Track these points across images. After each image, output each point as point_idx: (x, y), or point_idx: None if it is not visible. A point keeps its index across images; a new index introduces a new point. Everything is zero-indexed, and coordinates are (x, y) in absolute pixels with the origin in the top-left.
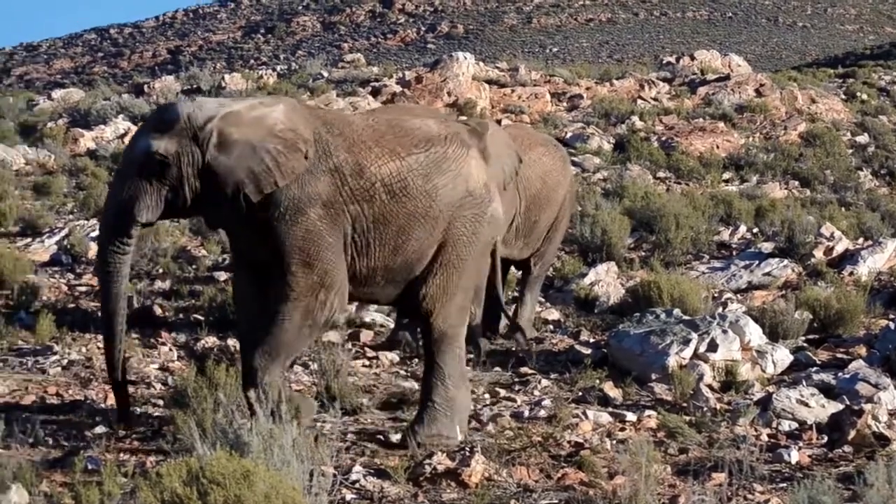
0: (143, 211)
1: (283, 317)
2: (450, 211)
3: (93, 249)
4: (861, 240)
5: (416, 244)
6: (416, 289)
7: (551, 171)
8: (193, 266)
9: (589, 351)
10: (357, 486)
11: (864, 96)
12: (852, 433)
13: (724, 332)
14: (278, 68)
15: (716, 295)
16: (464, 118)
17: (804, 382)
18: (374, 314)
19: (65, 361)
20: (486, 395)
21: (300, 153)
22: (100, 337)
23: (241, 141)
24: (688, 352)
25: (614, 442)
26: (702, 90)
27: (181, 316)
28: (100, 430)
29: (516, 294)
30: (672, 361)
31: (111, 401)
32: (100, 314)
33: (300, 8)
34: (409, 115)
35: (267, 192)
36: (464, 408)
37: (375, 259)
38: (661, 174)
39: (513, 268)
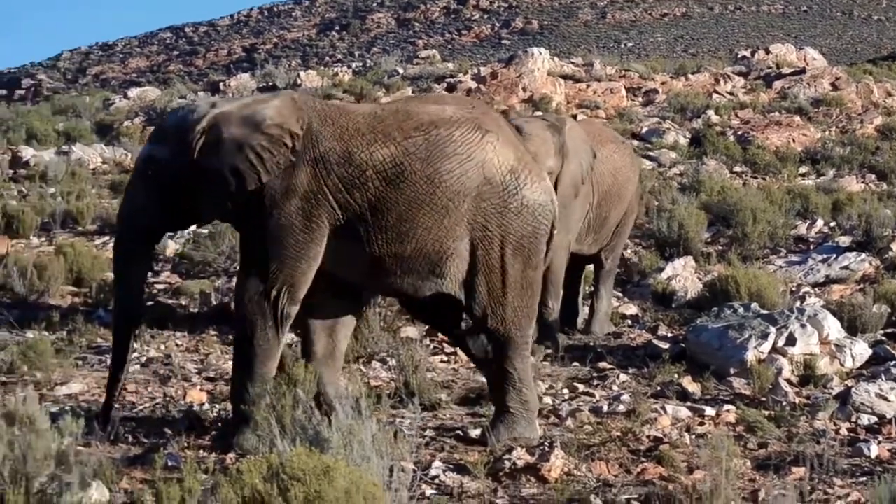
0: (147, 217)
1: (242, 319)
2: (463, 200)
3: (170, 247)
4: None
5: (424, 233)
6: (464, 293)
7: (622, 168)
8: None
9: (667, 345)
10: (437, 481)
11: None
12: None
13: (803, 326)
14: (353, 65)
15: (793, 289)
16: (540, 113)
17: (883, 376)
18: None
19: (143, 359)
20: (565, 391)
21: (285, 148)
22: (178, 334)
23: (227, 140)
24: (766, 346)
25: (693, 437)
26: (777, 84)
27: None
28: (179, 427)
29: (591, 289)
30: (750, 356)
31: (190, 398)
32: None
33: (374, 5)
34: (431, 102)
35: (251, 188)
36: (536, 407)
37: (378, 248)
38: (737, 168)
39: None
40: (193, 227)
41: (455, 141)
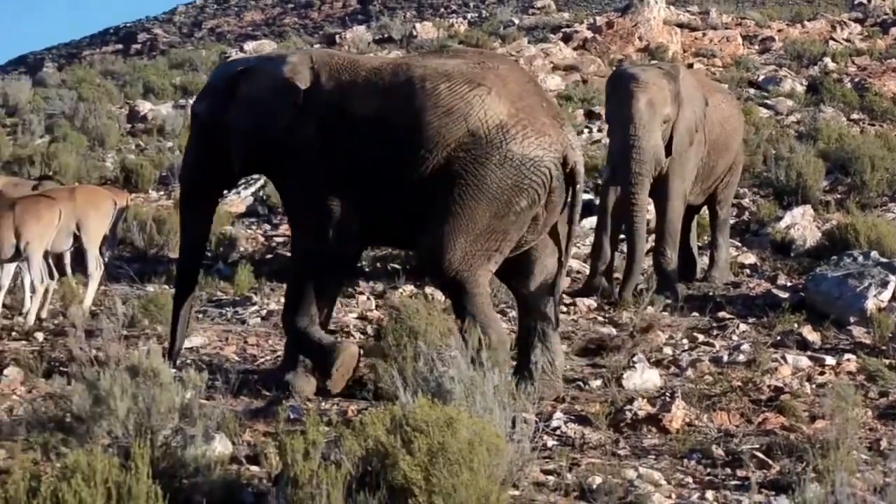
0: (197, 170)
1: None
2: (442, 151)
3: None
4: None
5: (409, 184)
6: (420, 234)
7: (730, 118)
8: None
9: (786, 295)
10: (558, 432)
11: None
12: None
13: None
14: (469, 16)
15: None
16: (656, 62)
17: None
18: (570, 260)
19: (263, 312)
20: (685, 341)
21: (291, 104)
22: None
23: (244, 97)
24: (886, 294)
25: (814, 386)
26: (894, 30)
27: (378, 265)
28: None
29: (708, 239)
30: (870, 304)
31: None
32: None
33: None
34: (441, 56)
35: (265, 143)
36: (500, 343)
37: (376, 200)
38: (854, 116)
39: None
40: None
41: (439, 94)
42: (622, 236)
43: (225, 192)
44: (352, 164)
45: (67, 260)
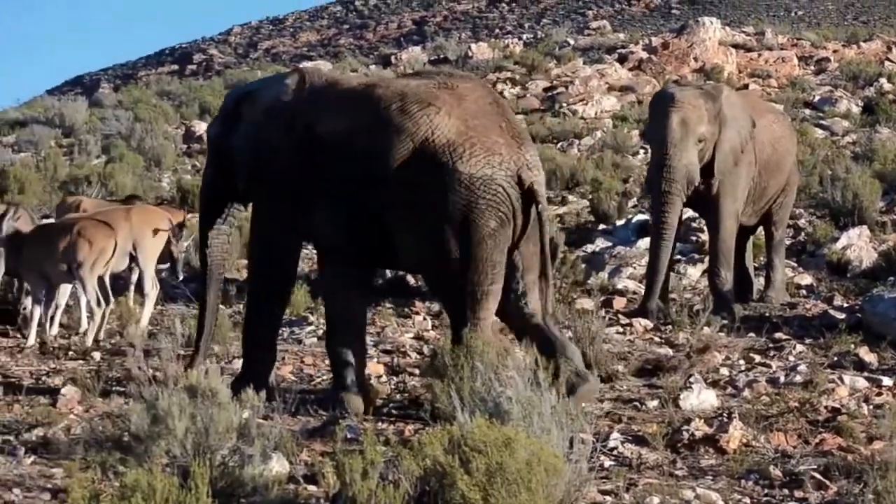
0: (212, 190)
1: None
2: (396, 172)
3: None
4: None
5: (374, 206)
6: (413, 266)
7: (781, 138)
8: None
9: (843, 315)
10: (615, 452)
11: None
12: None
13: None
14: (524, 37)
15: None
16: (699, 82)
17: None
18: (626, 281)
19: (320, 332)
20: (742, 361)
21: (280, 125)
22: None
23: (246, 120)
24: None
25: (871, 407)
26: None
27: None
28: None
29: (764, 260)
30: None
31: (367, 370)
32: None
33: None
34: (410, 77)
35: (254, 166)
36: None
37: (341, 223)
38: None
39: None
40: None
41: (392, 115)
42: (679, 256)
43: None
44: (324, 183)
45: (135, 278)
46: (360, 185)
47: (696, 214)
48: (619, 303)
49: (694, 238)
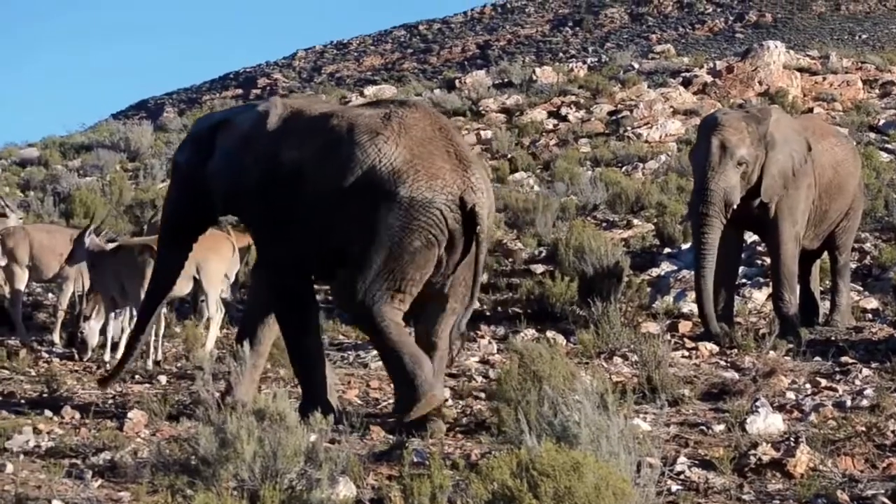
0: (177, 215)
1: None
2: (346, 199)
3: None
4: None
5: (325, 230)
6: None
7: (843, 162)
8: (510, 259)
9: None
10: (682, 477)
11: None
12: None
13: None
14: (588, 61)
15: None
16: (750, 105)
17: None
18: (691, 305)
19: None
20: (808, 385)
21: (251, 152)
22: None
23: (219, 148)
24: None
25: None
26: None
27: (499, 309)
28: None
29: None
30: None
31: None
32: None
33: (608, 0)
34: (366, 106)
35: (239, 188)
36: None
37: (303, 245)
38: None
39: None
40: None
41: (342, 143)
42: (744, 280)
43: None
44: (288, 209)
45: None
46: (317, 212)
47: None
48: (685, 326)
49: (759, 262)
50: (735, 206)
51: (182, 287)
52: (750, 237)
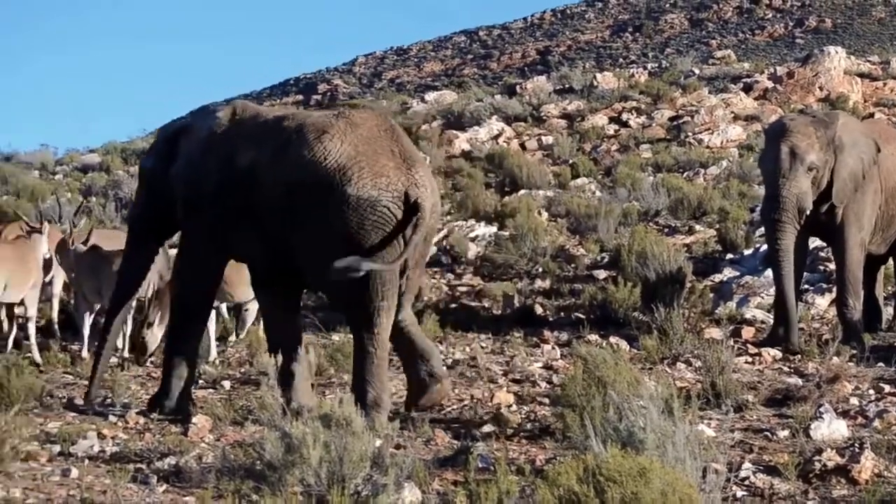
0: (143, 219)
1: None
2: (295, 198)
3: (472, 250)
4: None
5: (281, 230)
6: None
7: None
8: (572, 265)
9: None
10: (747, 482)
11: None
12: None
13: None
14: (649, 66)
15: None
16: (813, 110)
17: None
18: (754, 310)
19: (449, 361)
20: (871, 391)
21: (211, 156)
22: (482, 336)
23: (182, 154)
24: None
25: None
26: None
27: (562, 314)
28: (488, 428)
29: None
30: None
31: (497, 399)
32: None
33: (667, 6)
34: (317, 109)
35: (192, 196)
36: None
37: (259, 247)
38: None
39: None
40: (494, 230)
41: (291, 143)
42: (806, 286)
43: (167, 239)
44: (244, 210)
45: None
46: (269, 211)
47: (825, 244)
48: (748, 332)
49: (822, 268)
50: (808, 212)
51: (245, 293)
52: (812, 243)
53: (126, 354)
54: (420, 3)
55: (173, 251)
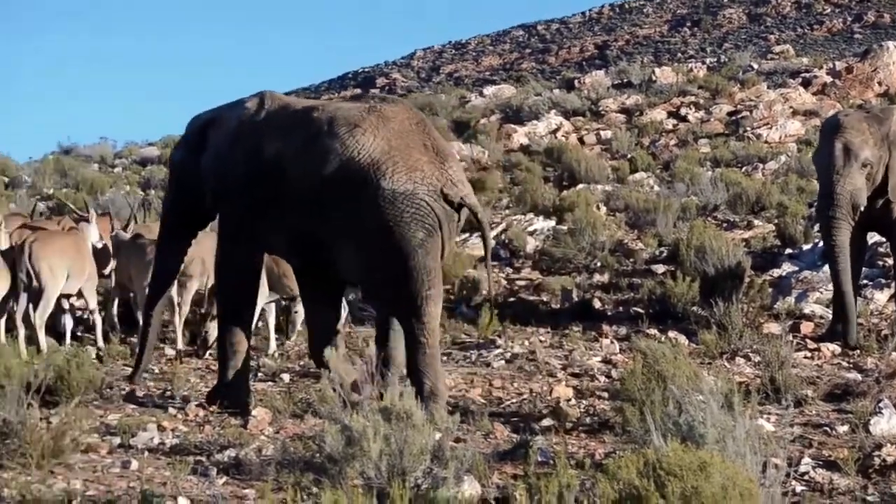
0: (176, 214)
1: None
2: (327, 191)
3: (531, 244)
4: None
5: (312, 222)
6: (356, 279)
7: None
8: (631, 259)
9: None
10: (806, 477)
11: None
12: None
13: None
14: (707, 61)
15: None
16: (870, 105)
17: None
18: (813, 305)
19: (508, 355)
20: None
21: (240, 147)
22: (541, 330)
23: (212, 145)
24: None
25: None
26: None
27: (620, 309)
28: (547, 422)
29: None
30: None
31: (556, 393)
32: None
33: (726, 0)
34: (347, 101)
35: (221, 187)
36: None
37: (289, 239)
38: None
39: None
40: (553, 225)
41: (321, 136)
42: (865, 281)
43: (199, 231)
44: (274, 202)
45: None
46: (296, 203)
47: (883, 239)
48: (807, 327)
49: (880, 263)
50: (862, 208)
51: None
52: (871, 238)
53: (181, 346)
54: None
55: None
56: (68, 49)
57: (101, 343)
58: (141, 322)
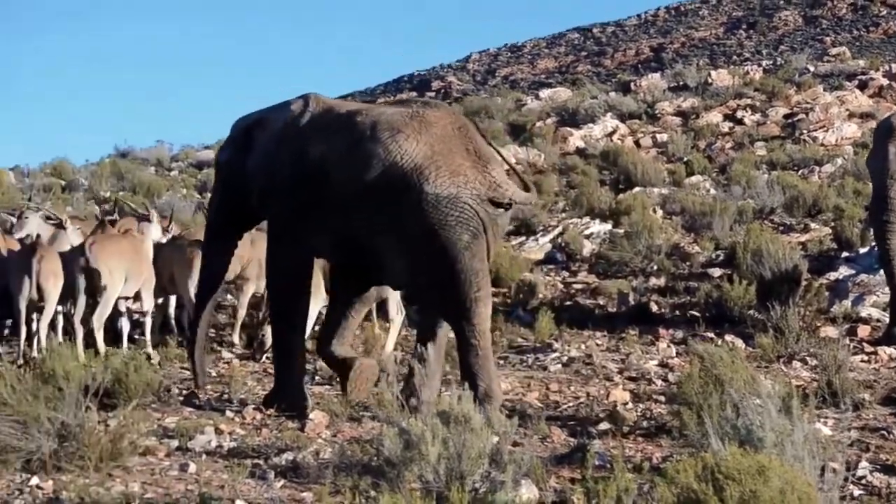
0: (223, 214)
1: None
2: (370, 195)
3: (587, 248)
4: None
5: (355, 226)
6: (401, 283)
7: None
8: (687, 262)
9: None
10: (864, 481)
11: None
12: None
13: None
14: (763, 63)
15: None
16: None
17: None
18: (870, 309)
19: (564, 358)
20: None
21: (286, 149)
22: (598, 334)
23: (258, 146)
24: None
25: None
26: None
27: (677, 312)
28: (604, 425)
29: None
30: None
31: (613, 397)
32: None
33: (782, 2)
34: (390, 105)
35: (268, 189)
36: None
37: (333, 242)
38: None
39: None
40: (609, 228)
41: (364, 141)
42: None
43: (245, 232)
44: (318, 205)
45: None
46: (343, 207)
47: None
48: (864, 331)
49: None
50: None
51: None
52: None
53: (238, 349)
54: (534, 0)
55: None
56: (69, 49)
57: (149, 349)
58: (188, 326)
